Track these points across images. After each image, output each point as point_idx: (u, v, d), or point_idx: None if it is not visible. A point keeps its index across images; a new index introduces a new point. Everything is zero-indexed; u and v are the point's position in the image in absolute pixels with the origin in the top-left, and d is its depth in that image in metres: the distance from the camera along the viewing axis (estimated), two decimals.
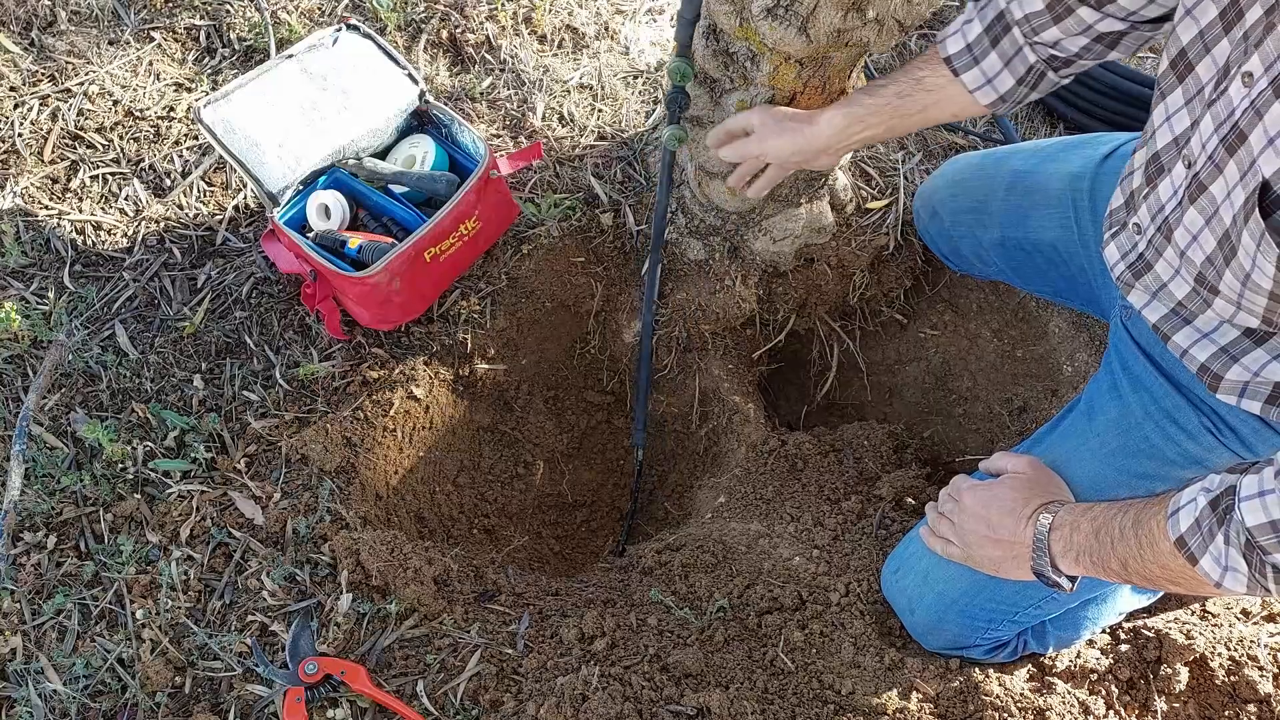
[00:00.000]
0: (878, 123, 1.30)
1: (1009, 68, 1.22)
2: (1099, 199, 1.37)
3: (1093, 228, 1.38)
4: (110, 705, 1.27)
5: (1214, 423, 1.16)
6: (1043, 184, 1.45)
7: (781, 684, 1.33)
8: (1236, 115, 0.90)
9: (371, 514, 1.50)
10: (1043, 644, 1.39)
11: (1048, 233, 1.44)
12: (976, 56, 1.22)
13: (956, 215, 1.59)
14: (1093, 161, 1.40)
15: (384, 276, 1.50)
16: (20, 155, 1.71)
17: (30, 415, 1.44)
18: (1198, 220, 0.98)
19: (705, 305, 1.77)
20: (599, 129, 1.89)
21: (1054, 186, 1.43)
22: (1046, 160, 1.46)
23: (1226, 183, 0.92)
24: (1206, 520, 0.93)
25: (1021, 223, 1.48)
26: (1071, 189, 1.40)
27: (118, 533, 1.40)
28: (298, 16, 1.91)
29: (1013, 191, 1.48)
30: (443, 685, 1.28)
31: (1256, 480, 0.89)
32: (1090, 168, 1.39)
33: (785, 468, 1.70)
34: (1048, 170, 1.45)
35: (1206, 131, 0.95)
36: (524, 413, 1.88)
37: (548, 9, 2.00)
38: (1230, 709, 1.36)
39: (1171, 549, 0.96)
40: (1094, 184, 1.38)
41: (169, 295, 1.63)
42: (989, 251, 1.55)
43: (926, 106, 1.29)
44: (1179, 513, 0.96)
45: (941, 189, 1.63)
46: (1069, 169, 1.42)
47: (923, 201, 1.68)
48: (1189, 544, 0.94)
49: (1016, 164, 1.51)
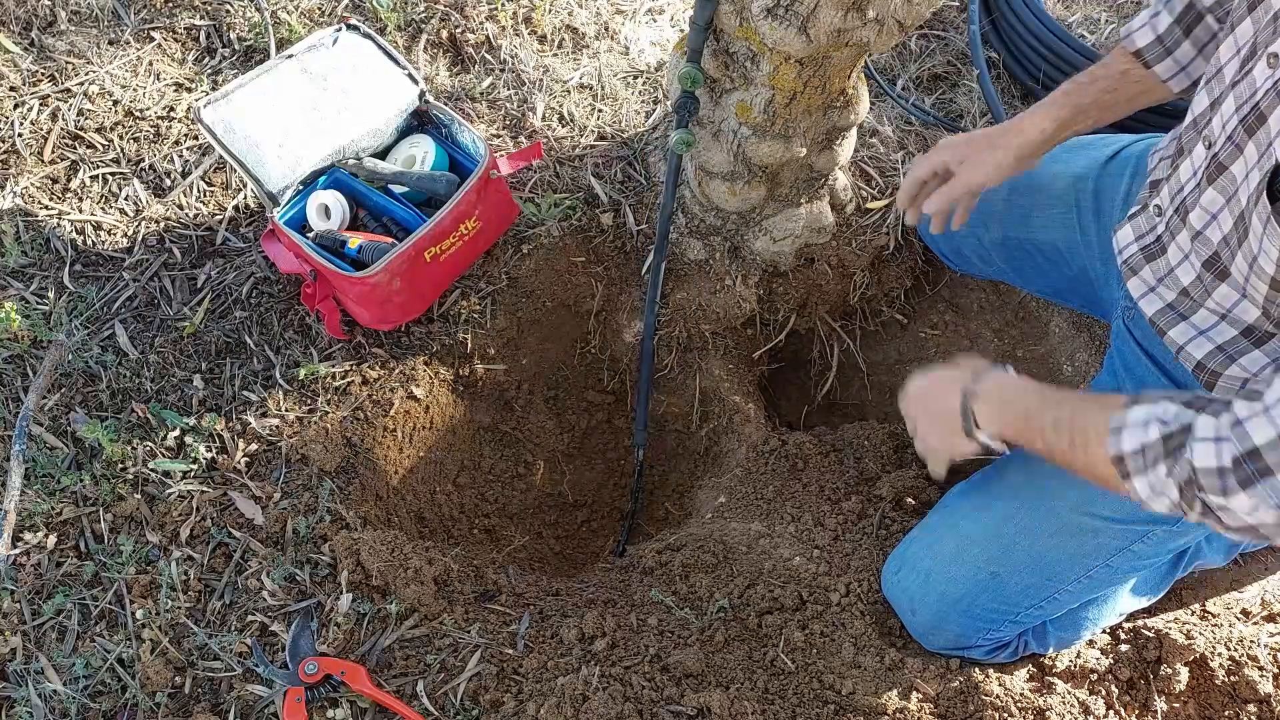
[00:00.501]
0: (1085, 121, 1.31)
1: (1203, 54, 1.22)
2: (1103, 199, 1.37)
3: (1095, 228, 1.38)
4: (110, 705, 1.27)
5: None
6: (1046, 184, 1.45)
7: (782, 684, 1.33)
8: (1259, 96, 0.91)
9: (371, 514, 1.50)
10: (1043, 645, 1.39)
11: (1050, 232, 1.45)
12: (1169, 47, 1.23)
13: None
14: (1097, 163, 1.41)
15: (384, 276, 1.50)
16: (20, 155, 1.71)
17: (30, 415, 1.44)
18: (1217, 200, 0.99)
19: (706, 305, 1.77)
20: (599, 129, 1.89)
21: (1057, 187, 1.44)
22: (1049, 161, 1.47)
23: (1245, 163, 0.93)
24: (1154, 450, 0.94)
25: (1024, 222, 1.48)
26: (1075, 189, 1.41)
27: (118, 533, 1.40)
28: (298, 16, 1.91)
29: (1015, 191, 1.48)
30: (443, 685, 1.28)
31: (1213, 424, 0.89)
32: (1094, 169, 1.40)
33: (786, 468, 1.70)
34: (1051, 171, 1.45)
35: (1227, 112, 0.96)
36: (524, 412, 1.88)
37: (548, 9, 2.00)
38: (1230, 709, 1.36)
39: (1106, 459, 0.98)
40: (1098, 185, 1.39)
41: (169, 295, 1.63)
42: (991, 251, 1.56)
43: (1134, 97, 1.30)
44: (1122, 432, 0.96)
45: None
46: (1072, 170, 1.43)
47: None
48: (1127, 463, 0.96)
49: None
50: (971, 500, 1.39)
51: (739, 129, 1.49)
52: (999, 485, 1.36)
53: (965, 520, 1.36)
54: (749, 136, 1.49)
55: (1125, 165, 1.38)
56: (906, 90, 2.05)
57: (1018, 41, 2.01)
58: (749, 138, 1.49)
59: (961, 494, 1.43)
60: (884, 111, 1.97)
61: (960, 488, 1.44)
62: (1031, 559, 1.29)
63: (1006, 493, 1.34)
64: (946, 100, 2.05)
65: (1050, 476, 1.29)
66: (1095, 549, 1.27)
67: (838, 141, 1.57)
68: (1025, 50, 1.99)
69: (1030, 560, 1.29)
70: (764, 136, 1.48)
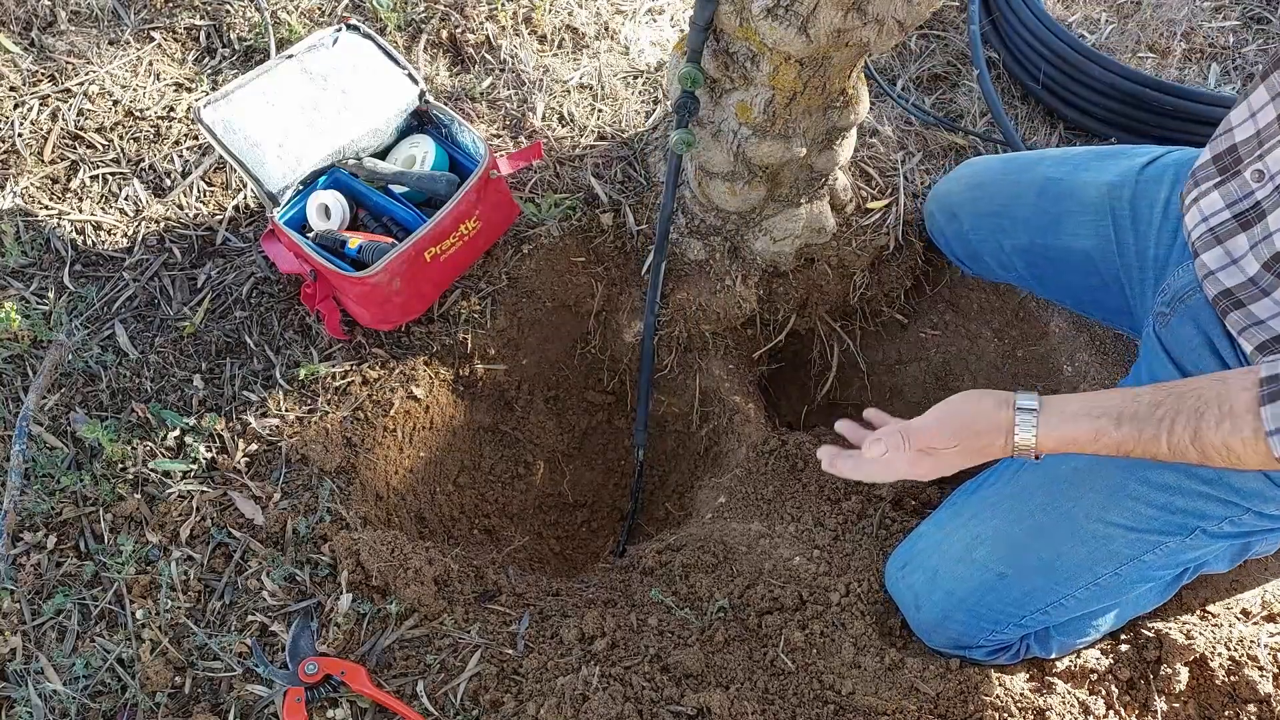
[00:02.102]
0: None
1: None
2: (1140, 208, 1.36)
3: (1133, 236, 1.37)
4: (110, 705, 1.27)
5: None
6: (1077, 192, 1.44)
7: (782, 684, 1.33)
8: None
9: (371, 514, 1.50)
10: (1046, 649, 1.39)
11: (1082, 241, 1.43)
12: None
13: (978, 219, 1.58)
14: (1131, 171, 1.40)
15: (384, 276, 1.50)
16: (20, 155, 1.71)
17: (30, 415, 1.44)
18: None
19: (706, 305, 1.77)
20: (599, 129, 1.89)
21: (1090, 195, 1.42)
22: (1079, 169, 1.46)
23: None
24: None
25: (1053, 229, 1.46)
26: (1110, 198, 1.40)
27: (118, 533, 1.40)
28: (298, 16, 1.91)
29: (1044, 197, 1.47)
30: (443, 685, 1.28)
31: None
32: (1130, 177, 1.39)
33: (786, 468, 1.70)
34: (1081, 179, 1.44)
35: None
36: (524, 413, 1.88)
37: (548, 9, 2.00)
38: (1230, 709, 1.36)
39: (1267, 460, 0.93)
40: (1135, 193, 1.37)
41: (169, 295, 1.63)
42: (1012, 257, 1.54)
43: None
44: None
45: (960, 191, 1.62)
46: (1105, 178, 1.42)
47: (939, 204, 1.67)
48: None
49: (1047, 170, 1.50)
50: (982, 499, 1.37)
51: (739, 129, 1.49)
52: (1011, 485, 1.34)
53: (975, 519, 1.35)
54: (749, 137, 1.49)
55: (1164, 173, 1.37)
56: (906, 90, 2.05)
57: (1018, 41, 2.01)
58: (749, 138, 1.49)
59: (971, 492, 1.41)
60: (884, 111, 1.97)
61: (969, 485, 1.43)
62: (1041, 562, 1.28)
63: (1019, 494, 1.32)
64: (946, 100, 2.05)
65: (1065, 480, 1.27)
66: (1107, 556, 1.26)
67: (838, 141, 1.57)
68: (1025, 50, 1.99)
69: (1040, 564, 1.28)
70: (764, 136, 1.48)
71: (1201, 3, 2.21)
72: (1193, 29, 2.16)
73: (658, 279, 1.71)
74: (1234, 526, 1.22)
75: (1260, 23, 2.19)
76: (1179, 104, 1.82)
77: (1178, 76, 2.08)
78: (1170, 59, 2.10)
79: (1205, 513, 1.21)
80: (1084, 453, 1.08)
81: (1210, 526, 1.22)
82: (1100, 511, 1.24)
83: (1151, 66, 2.09)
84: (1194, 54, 2.13)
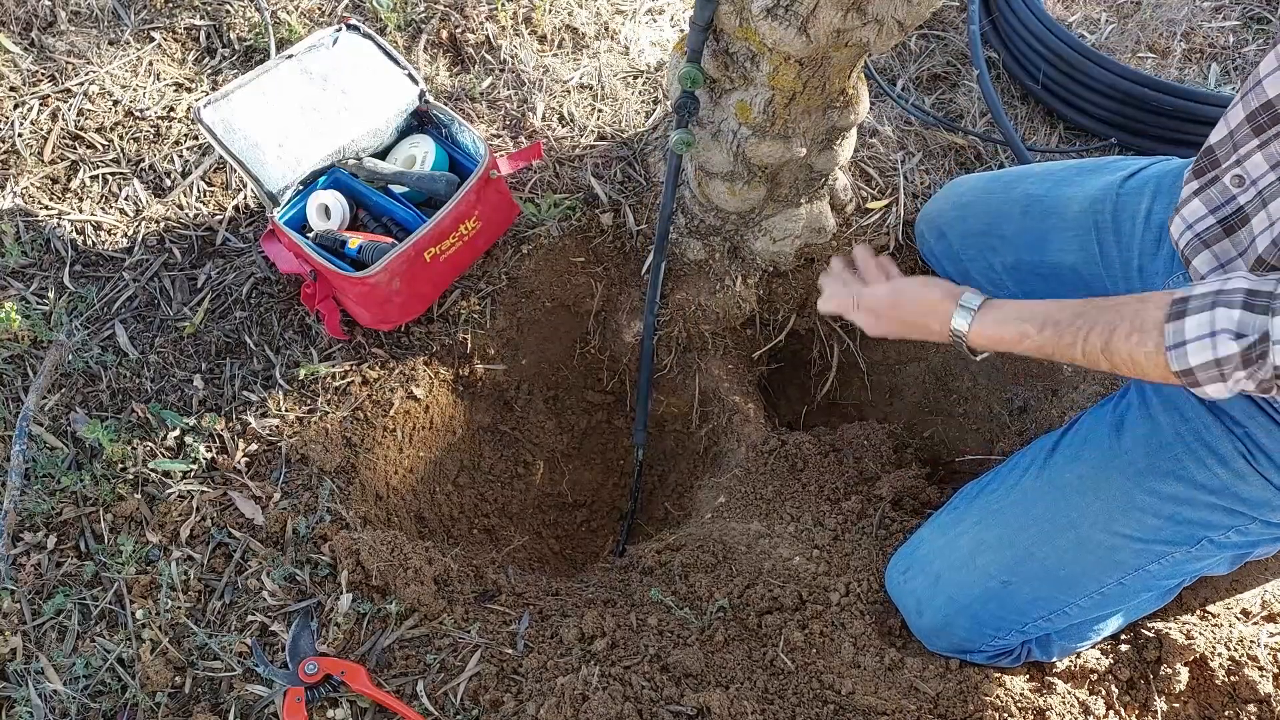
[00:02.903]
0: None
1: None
2: (1122, 221, 1.36)
3: (1116, 249, 1.38)
4: (110, 705, 1.27)
5: (1247, 446, 1.14)
6: (1060, 208, 1.44)
7: (782, 684, 1.33)
8: None
9: (371, 514, 1.50)
10: (1047, 653, 1.38)
11: (1068, 256, 1.44)
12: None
13: (966, 238, 1.58)
14: (1113, 185, 1.40)
15: (384, 276, 1.50)
16: (20, 155, 1.71)
17: (30, 415, 1.44)
18: None
19: (705, 305, 1.77)
20: (599, 129, 1.89)
21: (1073, 210, 1.43)
22: (1061, 184, 1.46)
23: None
24: (1232, 362, 0.92)
25: (1039, 246, 1.47)
26: (1093, 212, 1.40)
27: (118, 533, 1.40)
28: (298, 16, 1.91)
29: (1029, 215, 1.48)
30: (443, 685, 1.28)
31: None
32: (1111, 191, 1.39)
33: (785, 468, 1.70)
34: (1064, 194, 1.44)
35: None
36: (524, 413, 1.88)
37: (548, 9, 2.00)
38: (1230, 709, 1.36)
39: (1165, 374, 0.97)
40: (1117, 206, 1.38)
41: (169, 295, 1.63)
42: (1003, 275, 1.54)
43: None
44: (1186, 347, 0.95)
45: (947, 211, 1.62)
46: (1087, 193, 1.42)
47: (928, 223, 1.67)
48: (1197, 374, 0.95)
49: (1030, 188, 1.50)
50: (984, 504, 1.37)
51: (739, 129, 1.49)
52: (1015, 491, 1.33)
53: (978, 525, 1.34)
54: (749, 137, 1.49)
55: (1144, 185, 1.37)
56: (906, 90, 2.05)
57: (1018, 41, 2.01)
58: (749, 138, 1.49)
59: (974, 496, 1.40)
60: (884, 111, 1.97)
61: (971, 489, 1.42)
62: (1045, 571, 1.28)
63: (1023, 500, 1.31)
64: (946, 100, 2.05)
65: (1069, 488, 1.27)
66: (1112, 566, 1.25)
67: (838, 141, 1.57)
68: (1025, 50, 2.00)
69: (1044, 572, 1.28)
70: (764, 137, 1.48)
71: (1201, 3, 2.21)
72: (1193, 29, 2.16)
73: (657, 279, 1.71)
74: (1241, 535, 1.22)
75: (1260, 23, 2.19)
76: (1179, 104, 1.83)
77: (1178, 76, 2.08)
78: (1170, 59, 2.10)
79: (1212, 523, 1.20)
80: (1011, 352, 1.14)
81: (1217, 536, 1.21)
82: (1106, 521, 1.24)
83: (1151, 66, 2.09)
84: (1194, 54, 2.13)
